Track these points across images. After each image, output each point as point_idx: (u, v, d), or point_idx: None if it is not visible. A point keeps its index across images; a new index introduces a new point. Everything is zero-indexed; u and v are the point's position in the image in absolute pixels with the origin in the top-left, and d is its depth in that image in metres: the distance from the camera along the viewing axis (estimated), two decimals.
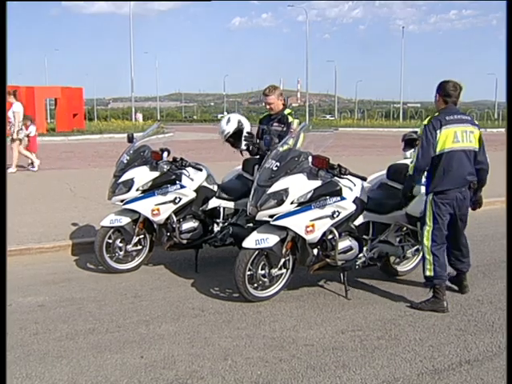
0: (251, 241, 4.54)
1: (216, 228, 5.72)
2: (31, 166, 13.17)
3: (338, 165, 4.58)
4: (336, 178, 4.60)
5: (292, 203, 4.50)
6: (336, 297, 4.87)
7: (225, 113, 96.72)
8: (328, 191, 4.57)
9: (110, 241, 5.46)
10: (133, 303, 4.69)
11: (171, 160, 5.60)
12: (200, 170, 5.63)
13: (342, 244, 4.67)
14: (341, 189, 4.60)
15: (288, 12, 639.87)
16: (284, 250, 4.60)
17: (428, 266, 4.57)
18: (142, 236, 5.64)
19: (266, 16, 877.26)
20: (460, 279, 4.97)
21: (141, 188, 5.43)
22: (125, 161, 5.64)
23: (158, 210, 5.43)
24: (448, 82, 4.64)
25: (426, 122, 4.57)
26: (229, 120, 5.82)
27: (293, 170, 4.62)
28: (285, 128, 5.46)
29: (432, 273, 4.56)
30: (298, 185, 4.54)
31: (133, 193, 5.43)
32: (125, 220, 5.44)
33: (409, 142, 5.44)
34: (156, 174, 5.49)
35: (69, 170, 13.78)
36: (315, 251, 4.69)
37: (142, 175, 5.47)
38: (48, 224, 7.25)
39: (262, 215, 4.54)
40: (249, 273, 4.56)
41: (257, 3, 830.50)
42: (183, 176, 5.55)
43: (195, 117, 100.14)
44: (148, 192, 5.45)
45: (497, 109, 68.16)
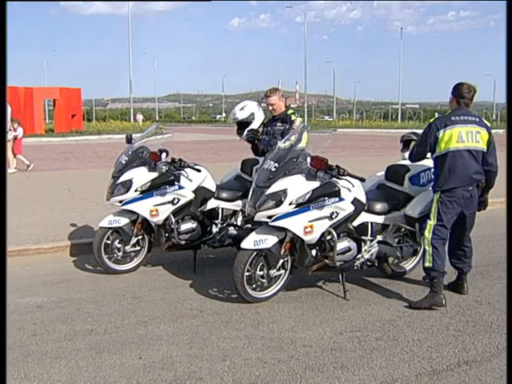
0: (250, 242, 4.54)
1: (214, 229, 5.72)
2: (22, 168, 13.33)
3: (337, 166, 4.58)
4: (334, 179, 4.60)
5: (290, 204, 4.50)
6: (334, 298, 4.87)
7: (223, 113, 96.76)
8: (326, 192, 4.57)
9: (109, 242, 5.45)
10: (131, 304, 4.68)
11: (170, 161, 5.59)
12: (199, 171, 5.63)
13: (341, 245, 4.68)
14: (339, 190, 4.60)
15: (286, 13, 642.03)
16: (282, 251, 4.60)
17: (427, 257, 4.63)
18: (141, 237, 5.64)
19: (265, 17, 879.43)
20: (460, 279, 4.98)
21: (139, 189, 5.44)
22: (123, 161, 5.64)
23: (157, 211, 5.43)
24: (463, 84, 4.74)
25: (432, 121, 4.72)
26: (243, 108, 5.78)
27: (291, 171, 4.62)
28: (287, 126, 5.48)
29: (430, 264, 4.61)
30: (297, 186, 4.54)
31: (131, 193, 5.43)
32: (123, 221, 5.44)
33: (407, 143, 5.45)
34: (154, 175, 5.49)
35: (67, 171, 13.78)
36: (314, 252, 4.69)
37: (141, 176, 5.47)
38: (46, 225, 7.25)
39: (261, 216, 4.55)
40: (247, 274, 4.56)
41: (255, 4, 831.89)
42: (182, 177, 5.55)
43: (194, 118, 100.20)
44: (146, 193, 5.46)
45: (495, 110, 68.20)
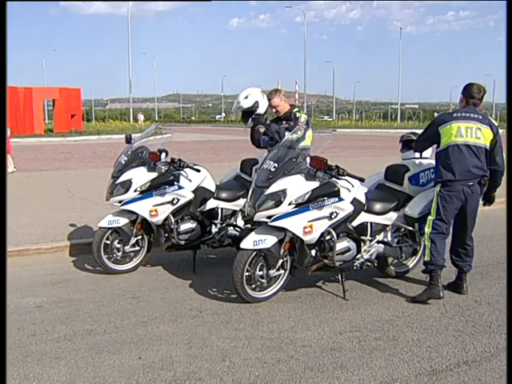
0: (249, 242, 4.54)
1: (214, 229, 5.72)
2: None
3: (336, 166, 4.58)
4: (334, 179, 4.60)
5: (290, 204, 4.50)
6: (334, 298, 4.87)
7: (223, 114, 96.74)
8: (326, 192, 4.57)
9: (108, 242, 5.45)
10: (131, 304, 4.68)
11: (169, 161, 5.59)
12: (198, 171, 5.63)
13: (340, 245, 4.68)
14: (339, 190, 4.60)
15: (286, 13, 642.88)
16: (282, 251, 4.60)
17: (426, 252, 4.75)
18: (140, 237, 5.64)
19: (264, 17, 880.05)
20: (460, 279, 4.98)
21: (139, 189, 5.44)
22: (123, 162, 5.64)
23: (156, 211, 5.43)
24: (473, 85, 4.84)
25: (436, 117, 4.95)
26: (247, 97, 5.73)
27: (291, 171, 4.62)
28: (292, 123, 5.49)
29: (428, 258, 4.72)
30: (296, 186, 4.54)
31: (131, 194, 5.43)
32: (123, 221, 5.44)
33: (407, 143, 5.47)
34: (154, 175, 5.49)
35: (67, 171, 13.78)
36: (313, 252, 4.69)
37: (140, 176, 5.47)
38: (46, 225, 7.25)
39: (260, 216, 4.55)
40: (247, 274, 4.55)
41: (255, 4, 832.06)
42: (181, 177, 5.55)
43: (193, 118, 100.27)
44: (146, 193, 5.46)
45: (494, 110, 68.16)
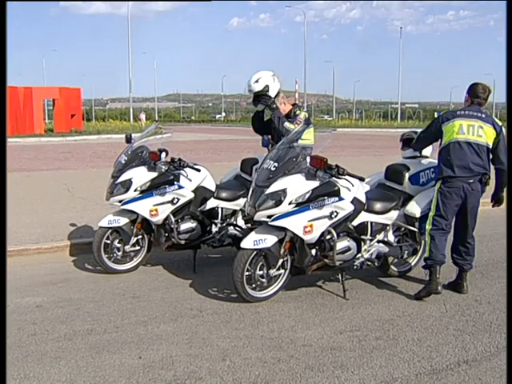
0: (249, 241, 4.54)
1: (214, 228, 5.72)
2: None
3: (336, 165, 4.58)
4: (334, 179, 4.59)
5: (290, 204, 4.50)
6: (334, 297, 4.87)
7: (223, 113, 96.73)
8: (326, 191, 4.57)
9: (108, 241, 5.45)
10: (131, 304, 4.68)
11: (169, 160, 5.59)
12: (198, 171, 5.63)
13: (340, 244, 4.68)
14: (339, 189, 4.60)
15: (286, 12, 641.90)
16: (282, 251, 4.59)
17: (427, 248, 4.84)
18: (140, 236, 5.63)
19: (264, 16, 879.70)
20: (460, 278, 4.99)
21: (139, 188, 5.44)
22: (123, 161, 5.64)
23: (156, 211, 5.43)
24: (478, 85, 4.89)
25: (441, 114, 5.00)
26: (257, 80, 5.62)
27: (291, 171, 4.62)
28: (292, 120, 5.50)
29: (428, 254, 4.80)
30: (296, 185, 4.54)
31: (131, 193, 5.43)
32: (123, 220, 5.44)
33: (407, 142, 5.46)
34: (154, 175, 5.49)
35: (67, 171, 13.77)
36: (313, 252, 4.69)
37: (140, 176, 5.47)
38: (46, 224, 7.25)
39: (260, 216, 4.54)
40: (247, 273, 4.55)
41: (255, 4, 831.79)
42: (181, 176, 5.55)
43: (193, 117, 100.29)
44: (146, 192, 5.45)
45: (494, 109, 68.17)
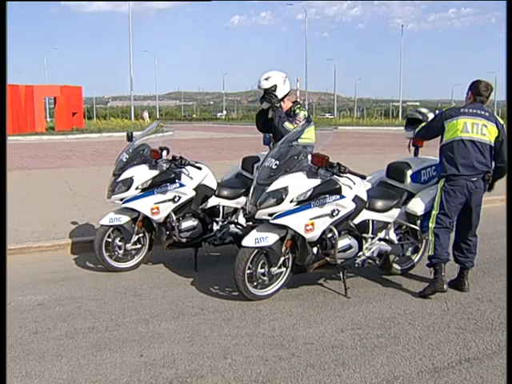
0: (251, 239, 4.54)
1: (215, 226, 5.72)
2: None
3: (338, 163, 4.57)
4: (335, 177, 4.59)
5: (291, 202, 4.49)
6: (335, 295, 4.87)
7: (224, 111, 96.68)
8: (327, 189, 4.57)
9: (110, 239, 5.45)
10: (132, 302, 4.69)
11: (170, 158, 5.59)
12: (199, 169, 5.62)
13: (342, 242, 4.67)
14: (340, 187, 4.60)
15: (287, 10, 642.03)
16: (283, 249, 4.59)
17: (430, 246, 4.82)
18: (142, 235, 5.64)
19: (265, 14, 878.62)
20: (461, 276, 4.98)
21: (140, 186, 5.44)
22: (124, 159, 5.64)
23: (158, 209, 5.43)
24: (481, 82, 4.86)
25: (444, 110, 5.00)
26: (267, 78, 5.59)
27: (292, 169, 4.61)
28: (291, 119, 5.48)
29: (432, 252, 4.78)
30: (298, 183, 4.53)
31: (132, 191, 5.43)
32: (124, 219, 5.44)
33: (411, 122, 5.38)
34: (155, 173, 5.49)
35: (68, 169, 13.77)
36: (315, 250, 4.69)
37: (142, 174, 5.47)
38: (47, 223, 7.25)
39: (262, 214, 4.54)
40: (248, 271, 4.55)
41: (256, 2, 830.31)
42: (182, 175, 5.54)
43: (194, 115, 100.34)
44: (147, 190, 5.45)
45: (496, 107, 68.10)
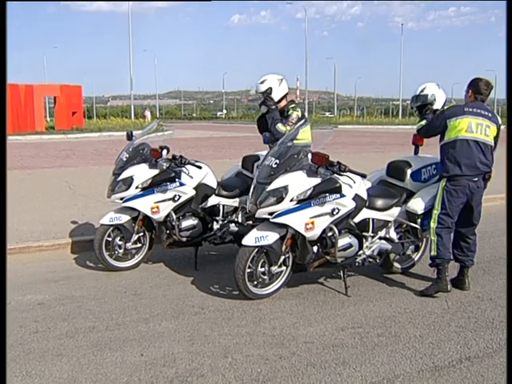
0: (251, 238, 4.54)
1: (215, 226, 5.71)
2: None
3: (338, 162, 4.57)
4: (335, 175, 4.59)
5: (291, 200, 4.49)
6: (336, 294, 4.87)
7: (224, 110, 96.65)
8: (328, 188, 4.57)
9: (110, 239, 5.45)
10: (132, 301, 4.68)
11: (170, 158, 5.59)
12: (199, 168, 5.62)
13: (342, 241, 4.67)
14: (340, 186, 4.59)
15: (287, 9, 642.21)
16: (284, 248, 4.59)
17: (433, 246, 4.79)
18: (142, 234, 5.64)
19: (265, 13, 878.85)
20: (462, 275, 4.98)
21: (140, 186, 5.44)
22: (124, 158, 5.64)
23: (158, 208, 5.42)
24: (481, 80, 4.82)
25: (446, 108, 4.89)
26: (263, 82, 5.64)
27: (292, 168, 4.61)
28: (284, 120, 5.48)
29: (435, 252, 4.76)
30: (298, 182, 4.53)
31: (132, 190, 5.43)
32: (124, 218, 5.44)
33: (421, 108, 5.14)
34: (155, 172, 5.49)
35: (68, 168, 13.76)
36: (315, 248, 4.69)
37: (142, 173, 5.47)
38: (47, 222, 7.25)
39: (262, 213, 4.54)
40: (248, 270, 4.55)
41: (256, 1, 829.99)
42: (182, 174, 5.54)
43: (194, 114, 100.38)
44: (147, 190, 5.45)
45: (496, 105, 68.06)
